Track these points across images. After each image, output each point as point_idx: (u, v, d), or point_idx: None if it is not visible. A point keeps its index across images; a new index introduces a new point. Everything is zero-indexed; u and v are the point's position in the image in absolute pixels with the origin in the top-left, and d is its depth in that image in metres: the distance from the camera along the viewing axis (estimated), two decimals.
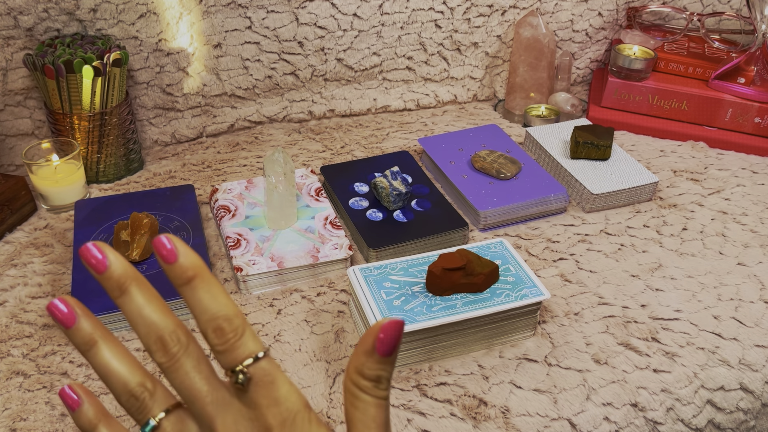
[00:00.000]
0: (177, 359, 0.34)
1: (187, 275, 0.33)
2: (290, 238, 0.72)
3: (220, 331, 0.33)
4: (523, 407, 0.56)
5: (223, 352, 0.33)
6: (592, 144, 0.84)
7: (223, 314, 0.33)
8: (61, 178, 0.78)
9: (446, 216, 0.75)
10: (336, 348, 0.62)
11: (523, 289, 0.60)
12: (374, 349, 0.34)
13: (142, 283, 0.34)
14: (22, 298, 0.67)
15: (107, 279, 0.34)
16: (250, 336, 0.34)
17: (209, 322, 0.33)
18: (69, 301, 0.34)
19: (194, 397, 0.34)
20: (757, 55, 0.95)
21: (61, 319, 0.34)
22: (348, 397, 0.35)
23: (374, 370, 0.34)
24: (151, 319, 0.34)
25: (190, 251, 0.34)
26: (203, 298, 0.33)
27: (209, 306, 0.33)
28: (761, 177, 0.88)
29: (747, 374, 0.61)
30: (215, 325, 0.33)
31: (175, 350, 0.34)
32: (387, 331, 0.33)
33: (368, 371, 0.34)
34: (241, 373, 0.33)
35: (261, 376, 0.33)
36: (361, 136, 0.97)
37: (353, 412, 0.34)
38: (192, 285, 0.33)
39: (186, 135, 0.95)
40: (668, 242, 0.76)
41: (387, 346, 0.34)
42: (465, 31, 1.02)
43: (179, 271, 0.33)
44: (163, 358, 0.34)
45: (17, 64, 0.82)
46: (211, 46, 0.92)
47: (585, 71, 1.11)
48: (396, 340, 0.34)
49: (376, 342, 0.34)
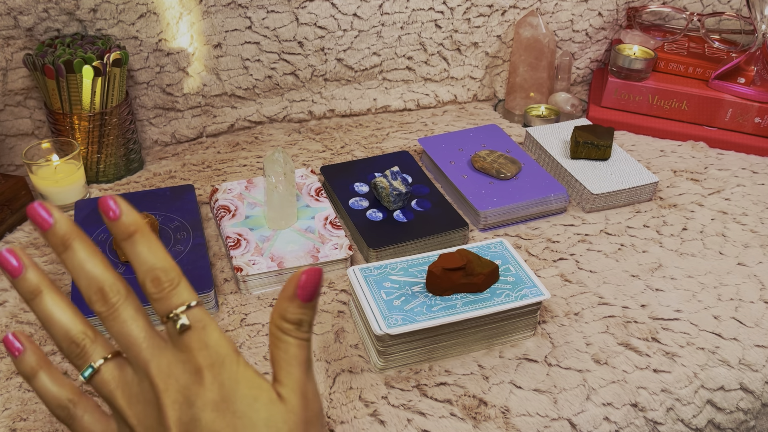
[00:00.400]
0: (116, 308, 0.36)
1: (128, 230, 0.36)
2: (290, 238, 0.72)
3: (156, 281, 0.36)
4: (523, 407, 0.56)
5: (159, 299, 0.36)
6: (592, 144, 0.84)
7: (160, 266, 0.36)
8: (61, 178, 0.78)
9: (446, 216, 0.75)
10: (336, 348, 0.62)
11: (523, 289, 0.60)
12: (295, 295, 0.37)
13: (85, 240, 0.37)
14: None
15: (52, 235, 0.36)
16: (184, 287, 0.36)
17: (147, 273, 0.36)
18: (18, 252, 0.37)
19: (131, 343, 0.36)
20: (757, 55, 0.95)
21: (10, 270, 0.36)
22: (272, 339, 0.37)
23: (296, 314, 0.37)
24: (93, 272, 0.36)
25: (132, 210, 0.37)
26: (142, 251, 0.36)
27: (147, 258, 0.36)
28: (761, 177, 0.88)
29: (747, 374, 0.61)
30: (153, 275, 0.36)
31: (114, 300, 0.36)
32: (307, 279, 0.36)
33: (290, 315, 0.37)
34: (178, 318, 0.35)
35: (193, 322, 0.35)
36: (361, 136, 0.97)
37: (276, 353, 0.37)
38: (133, 239, 0.36)
39: (186, 135, 0.95)
40: (668, 242, 0.76)
41: (307, 292, 0.36)
42: (465, 31, 1.02)
43: (122, 227, 0.36)
44: (102, 308, 0.36)
45: (17, 64, 0.82)
46: (211, 46, 0.92)
47: (585, 71, 1.11)
48: (315, 286, 0.37)
49: (297, 289, 0.36)
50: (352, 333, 0.63)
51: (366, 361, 0.60)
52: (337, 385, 0.58)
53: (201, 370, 0.35)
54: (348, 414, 0.55)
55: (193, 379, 0.35)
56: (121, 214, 0.36)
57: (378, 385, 0.58)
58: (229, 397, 0.35)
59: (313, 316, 0.38)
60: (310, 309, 0.37)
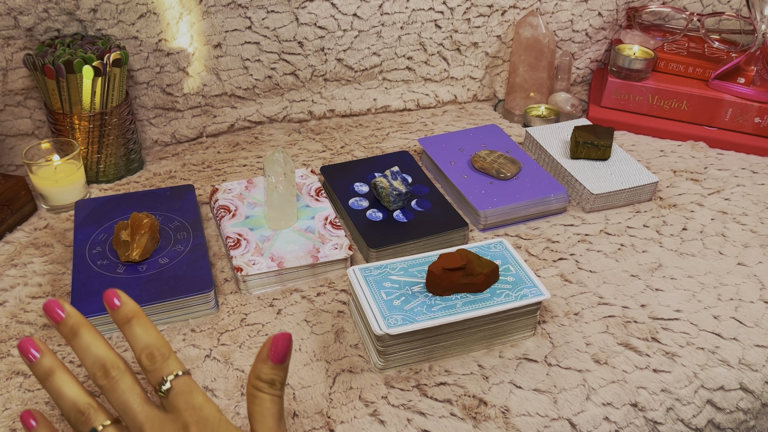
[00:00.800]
0: (116, 381, 0.44)
1: (128, 317, 0.45)
2: (290, 238, 0.72)
3: (151, 356, 0.44)
4: (523, 407, 0.57)
5: (152, 371, 0.44)
6: (592, 144, 0.84)
7: (154, 343, 0.44)
8: (61, 178, 0.78)
9: (446, 216, 0.75)
10: (336, 348, 0.62)
11: (523, 289, 0.60)
12: (268, 358, 0.44)
13: (90, 327, 0.45)
14: (22, 298, 0.67)
15: (63, 326, 0.45)
16: (173, 359, 0.44)
17: (143, 350, 0.44)
18: (36, 341, 0.45)
19: (128, 408, 0.43)
20: (757, 55, 0.95)
21: (29, 356, 0.45)
22: (248, 396, 0.44)
23: (269, 374, 0.44)
24: (97, 352, 0.44)
25: (130, 300, 0.46)
26: (138, 332, 0.45)
27: (143, 338, 0.45)
28: (761, 177, 0.88)
29: (747, 374, 0.61)
30: (148, 351, 0.44)
31: (114, 374, 0.44)
32: (276, 344, 0.44)
33: (264, 375, 0.44)
34: (165, 382, 0.43)
35: (181, 386, 0.43)
36: (361, 136, 0.97)
37: (252, 408, 0.44)
38: (131, 323, 0.45)
39: (186, 135, 0.95)
40: (668, 242, 0.76)
41: (278, 355, 0.44)
42: (465, 31, 1.02)
43: (122, 315, 0.45)
44: (104, 381, 0.44)
45: (17, 64, 0.82)
46: (211, 46, 0.92)
47: (585, 71, 1.11)
48: (284, 350, 0.44)
49: (270, 352, 0.44)
50: (352, 333, 0.63)
51: (366, 361, 0.60)
52: (337, 385, 0.58)
53: (188, 426, 0.42)
54: (348, 414, 0.55)
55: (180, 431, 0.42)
56: (122, 305, 0.45)
57: (378, 385, 0.58)
58: None
59: (284, 376, 0.45)
60: (281, 370, 0.44)
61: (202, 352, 0.61)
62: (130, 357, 0.60)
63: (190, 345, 0.62)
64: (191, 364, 0.59)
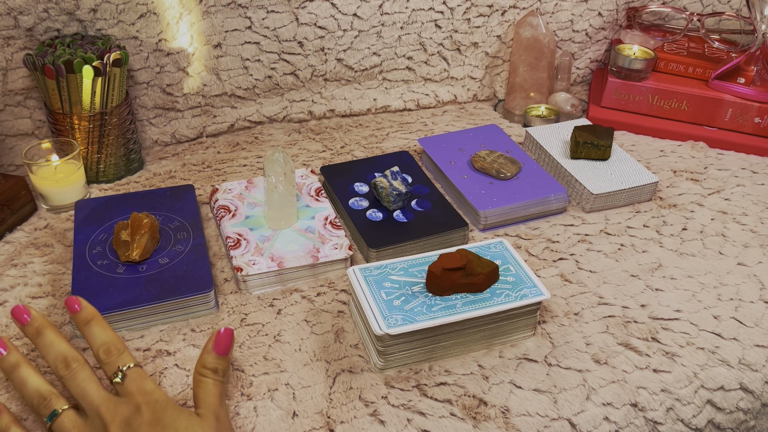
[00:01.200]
0: (75, 372, 0.50)
1: (87, 319, 0.52)
2: (290, 238, 0.72)
3: (107, 351, 0.51)
4: (523, 407, 0.57)
5: (108, 363, 0.50)
6: (592, 144, 0.84)
7: (110, 340, 0.52)
8: (61, 178, 0.78)
9: (446, 216, 0.75)
10: (336, 348, 0.62)
11: (523, 289, 0.60)
12: (212, 349, 0.52)
13: (52, 327, 0.52)
14: (22, 298, 0.67)
15: (29, 327, 0.52)
16: (127, 354, 0.51)
17: (101, 346, 0.51)
18: (3, 340, 0.52)
19: (86, 393, 0.49)
20: (757, 55, 0.95)
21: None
22: (195, 382, 0.51)
23: (212, 363, 0.52)
24: (59, 348, 0.51)
25: (89, 305, 0.53)
26: (96, 332, 0.52)
27: (101, 336, 0.52)
28: (761, 177, 0.88)
29: (747, 374, 0.61)
30: (105, 347, 0.51)
31: (74, 366, 0.50)
32: (219, 338, 0.52)
33: (209, 364, 0.52)
34: (119, 371, 0.50)
35: (133, 375, 0.50)
36: (361, 136, 0.97)
37: (198, 390, 0.51)
38: (90, 324, 0.52)
39: (186, 135, 0.95)
40: (668, 242, 0.76)
41: (221, 347, 0.52)
42: (465, 31, 1.02)
43: (81, 317, 0.52)
44: (65, 372, 0.50)
45: (17, 64, 0.82)
46: (211, 46, 0.92)
47: (585, 71, 1.11)
48: (226, 344, 0.52)
49: (213, 345, 0.52)
50: (352, 333, 0.63)
51: (366, 361, 0.60)
52: (337, 385, 0.58)
53: (140, 407, 0.48)
54: (348, 414, 0.55)
55: (133, 411, 0.48)
56: (82, 309, 0.53)
57: (378, 385, 0.58)
58: (159, 418, 0.48)
59: (227, 366, 0.52)
60: (224, 360, 0.52)
61: None
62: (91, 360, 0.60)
63: (190, 345, 0.62)
64: (191, 363, 0.59)
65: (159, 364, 0.59)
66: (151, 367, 0.59)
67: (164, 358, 0.60)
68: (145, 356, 0.60)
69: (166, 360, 0.60)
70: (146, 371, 0.52)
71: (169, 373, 0.59)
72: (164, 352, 0.61)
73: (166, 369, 0.59)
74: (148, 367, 0.59)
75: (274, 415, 0.55)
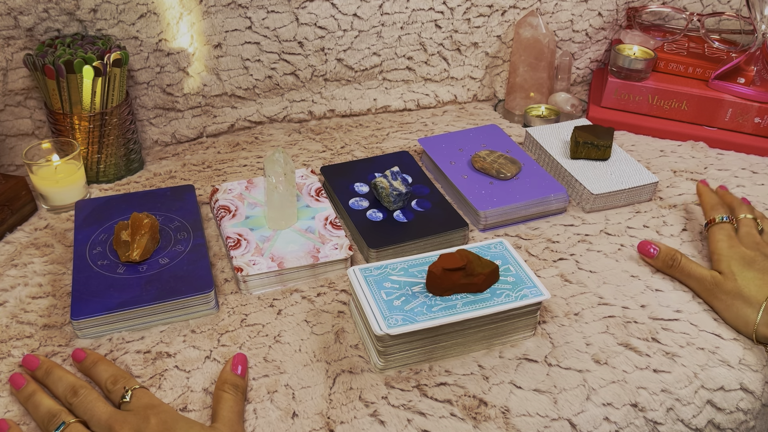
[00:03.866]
0: (84, 396, 0.54)
1: (94, 362, 0.58)
2: (290, 238, 0.72)
3: (114, 380, 0.55)
4: (523, 407, 0.57)
5: (115, 390, 0.54)
6: (592, 144, 0.84)
7: (115, 372, 0.56)
8: (61, 178, 0.78)
9: (446, 216, 0.75)
10: (336, 348, 0.62)
11: (523, 289, 0.60)
12: (232, 370, 0.57)
13: (58, 367, 0.57)
14: (23, 299, 0.67)
15: (39, 370, 0.57)
16: (133, 380, 0.56)
17: (107, 379, 0.55)
18: (23, 375, 0.57)
19: (95, 413, 0.52)
20: (757, 55, 0.95)
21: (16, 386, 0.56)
22: (215, 398, 0.55)
23: (234, 381, 0.56)
24: (67, 381, 0.55)
25: (93, 352, 0.59)
26: (102, 368, 0.57)
27: (107, 371, 0.56)
28: (761, 177, 0.88)
29: (747, 374, 0.61)
30: (112, 378, 0.55)
31: (82, 392, 0.54)
32: (237, 361, 0.58)
33: (230, 381, 0.56)
34: (126, 393, 0.53)
35: (140, 393, 0.54)
36: (361, 136, 0.97)
37: (218, 405, 0.54)
38: (96, 365, 0.57)
39: (186, 135, 0.95)
40: (668, 242, 0.76)
41: (238, 369, 0.57)
42: (465, 31, 1.02)
43: (89, 361, 0.58)
44: (74, 399, 0.54)
45: (17, 64, 0.82)
46: (211, 46, 0.92)
47: (585, 71, 1.11)
48: (244, 367, 0.58)
49: (232, 367, 0.57)
50: (352, 333, 0.63)
51: (366, 362, 0.60)
52: (337, 385, 0.58)
53: (148, 417, 0.51)
54: (348, 414, 0.55)
55: (142, 421, 0.50)
56: (88, 356, 0.58)
57: (378, 385, 0.58)
58: (170, 429, 0.50)
59: (245, 386, 0.57)
60: (242, 380, 0.57)
61: (203, 353, 0.61)
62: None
63: (190, 346, 0.62)
64: (191, 365, 0.59)
65: (159, 366, 0.59)
66: (152, 369, 0.59)
67: (164, 360, 0.60)
68: (146, 358, 0.60)
69: (166, 362, 0.60)
70: (150, 392, 0.55)
71: (169, 375, 0.59)
72: (164, 354, 0.61)
73: (166, 371, 0.59)
74: (148, 369, 0.59)
75: (273, 416, 0.55)
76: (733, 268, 0.65)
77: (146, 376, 0.58)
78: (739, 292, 0.63)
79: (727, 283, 0.65)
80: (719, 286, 0.65)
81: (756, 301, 0.62)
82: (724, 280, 0.65)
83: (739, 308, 0.63)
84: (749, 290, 0.63)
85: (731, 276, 0.65)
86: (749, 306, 0.62)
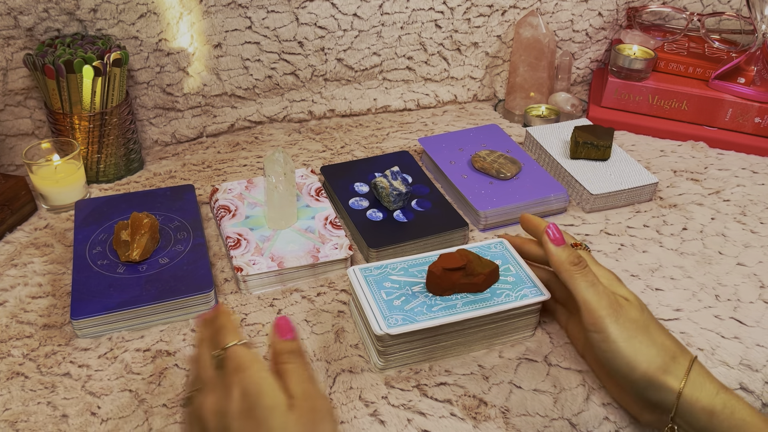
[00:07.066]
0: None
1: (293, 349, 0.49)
2: (290, 238, 0.72)
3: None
4: (523, 407, 0.57)
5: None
6: (592, 144, 0.84)
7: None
8: (61, 178, 0.78)
9: (446, 216, 0.75)
10: (336, 348, 0.62)
11: (524, 289, 0.60)
12: (275, 335, 0.49)
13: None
14: (23, 298, 0.67)
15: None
16: (231, 330, 0.48)
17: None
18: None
19: (199, 374, 0.47)
20: (757, 55, 0.95)
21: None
22: (276, 366, 0.47)
23: (285, 346, 0.48)
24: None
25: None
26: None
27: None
28: (761, 177, 0.88)
29: (747, 374, 0.61)
30: None
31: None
32: (278, 325, 0.49)
33: (281, 348, 0.48)
34: (219, 353, 0.47)
35: (230, 353, 0.46)
36: (361, 136, 0.97)
37: (285, 382, 0.46)
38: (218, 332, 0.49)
39: (186, 135, 0.95)
40: (668, 242, 0.76)
41: (281, 330, 0.49)
42: (465, 31, 1.02)
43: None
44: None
45: (17, 64, 0.82)
46: (211, 46, 0.92)
47: (585, 71, 1.11)
48: (287, 326, 0.49)
49: (276, 334, 0.49)
50: (352, 333, 0.63)
51: (366, 361, 0.60)
52: (337, 385, 0.58)
53: (230, 377, 0.45)
54: (348, 414, 0.55)
55: (225, 395, 0.44)
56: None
57: (378, 385, 0.58)
58: (251, 408, 0.44)
59: (298, 346, 0.49)
60: (296, 343, 0.49)
61: None
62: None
63: (190, 345, 0.62)
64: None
65: (159, 364, 0.59)
66: (151, 367, 0.59)
67: (164, 358, 0.60)
68: (145, 356, 0.60)
69: (166, 360, 0.60)
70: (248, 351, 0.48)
71: (169, 374, 0.59)
72: (164, 353, 0.61)
73: (166, 369, 0.59)
74: (148, 367, 0.59)
75: None
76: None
77: (146, 374, 0.58)
78: None
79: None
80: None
81: None
82: None
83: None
84: None
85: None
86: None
